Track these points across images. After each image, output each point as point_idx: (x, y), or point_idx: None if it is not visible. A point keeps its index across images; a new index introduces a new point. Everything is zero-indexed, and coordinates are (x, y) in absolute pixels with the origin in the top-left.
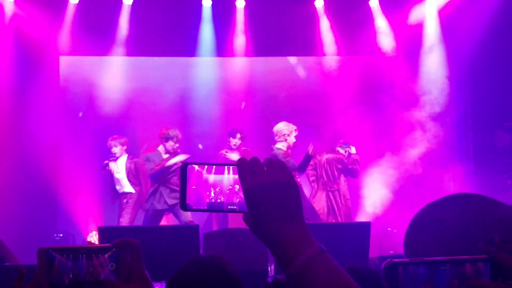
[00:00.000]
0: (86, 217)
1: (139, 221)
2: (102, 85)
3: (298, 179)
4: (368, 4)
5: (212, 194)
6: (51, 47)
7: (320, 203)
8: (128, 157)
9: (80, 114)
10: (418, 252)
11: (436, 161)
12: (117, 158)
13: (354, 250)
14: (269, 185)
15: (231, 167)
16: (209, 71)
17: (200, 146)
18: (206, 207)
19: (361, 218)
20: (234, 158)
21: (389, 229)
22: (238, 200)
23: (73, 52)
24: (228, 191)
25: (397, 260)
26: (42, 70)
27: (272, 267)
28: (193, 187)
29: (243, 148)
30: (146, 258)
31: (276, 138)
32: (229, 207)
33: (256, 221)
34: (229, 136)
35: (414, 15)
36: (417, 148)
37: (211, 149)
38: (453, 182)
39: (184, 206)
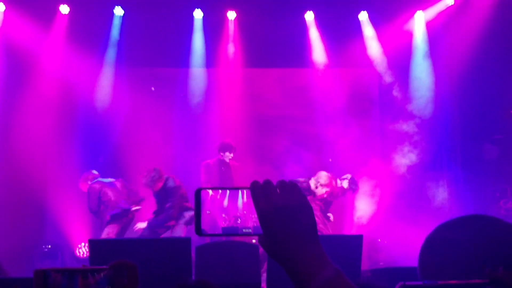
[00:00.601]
0: (75, 229)
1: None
2: (92, 95)
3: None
4: (357, 17)
5: (227, 219)
6: (41, 56)
7: None
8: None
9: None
10: (433, 274)
11: (425, 172)
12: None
13: (346, 263)
14: (282, 208)
15: (245, 190)
16: (200, 82)
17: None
18: (220, 232)
19: (350, 229)
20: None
21: (379, 240)
22: (253, 223)
23: (62, 62)
24: (242, 215)
25: (409, 283)
26: (32, 80)
27: (264, 278)
28: (207, 212)
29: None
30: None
31: (313, 177)
32: (244, 230)
33: (271, 243)
34: (223, 150)
35: (403, 28)
36: (405, 159)
37: (202, 160)
38: (441, 194)
39: (199, 231)
